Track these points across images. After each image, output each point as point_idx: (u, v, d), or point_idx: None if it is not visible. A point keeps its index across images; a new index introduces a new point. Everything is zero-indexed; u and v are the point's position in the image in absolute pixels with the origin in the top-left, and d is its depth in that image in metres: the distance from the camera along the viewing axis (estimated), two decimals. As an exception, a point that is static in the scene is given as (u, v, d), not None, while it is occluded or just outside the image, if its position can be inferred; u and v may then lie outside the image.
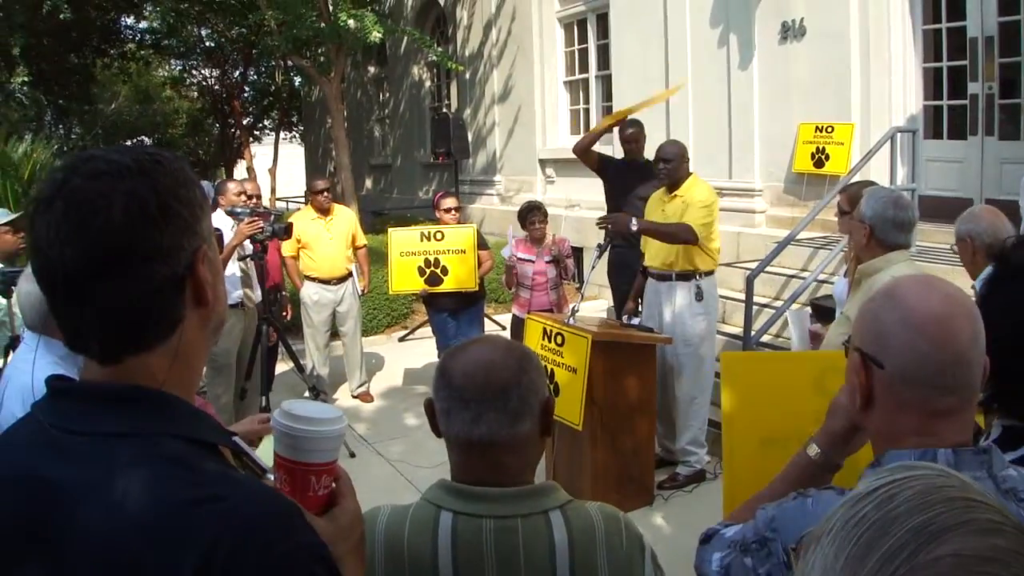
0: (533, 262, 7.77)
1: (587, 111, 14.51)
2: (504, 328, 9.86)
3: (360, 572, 1.57)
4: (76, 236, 1.23)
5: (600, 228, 6.59)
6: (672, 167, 6.41)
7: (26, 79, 21.17)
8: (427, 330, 9.76)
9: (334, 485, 1.54)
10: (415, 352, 10.62)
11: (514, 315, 8.04)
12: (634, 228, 6.31)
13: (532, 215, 7.83)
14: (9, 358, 4.72)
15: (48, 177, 1.29)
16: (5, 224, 6.36)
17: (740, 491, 3.42)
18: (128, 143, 34.34)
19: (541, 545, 1.80)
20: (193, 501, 1.18)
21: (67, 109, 27.81)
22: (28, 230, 1.30)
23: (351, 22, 13.15)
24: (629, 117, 7.75)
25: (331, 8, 13.98)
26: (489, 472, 1.85)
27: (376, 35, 13.19)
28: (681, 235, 6.26)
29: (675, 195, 6.46)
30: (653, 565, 1.93)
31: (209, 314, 1.38)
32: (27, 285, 3.36)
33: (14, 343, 4.83)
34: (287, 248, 8.37)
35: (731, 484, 3.39)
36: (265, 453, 2.19)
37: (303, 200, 25.25)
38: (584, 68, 14.60)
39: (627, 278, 7.32)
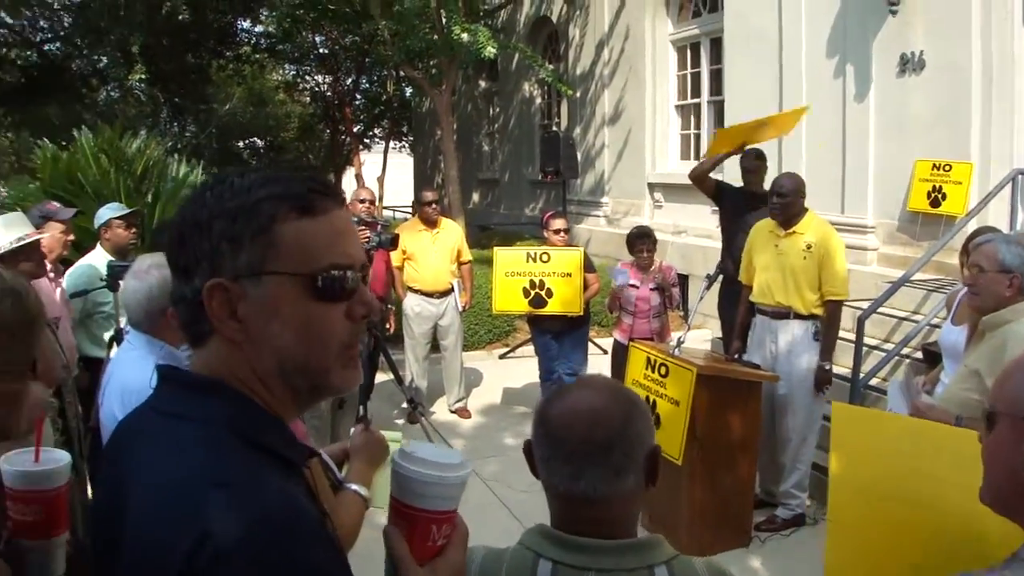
0: (638, 288, 7.72)
1: (698, 136, 14.35)
2: (605, 352, 9.79)
3: None
4: None
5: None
6: (787, 202, 6.28)
7: (143, 76, 21.80)
8: (528, 348, 9.74)
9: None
10: (515, 370, 10.60)
11: (616, 340, 7.98)
12: (828, 367, 6.27)
13: (641, 242, 7.77)
14: (113, 351, 4.80)
15: None
16: (119, 218, 6.47)
17: (845, 544, 3.37)
18: (240, 144, 35.39)
19: None
20: (207, 486, 1.20)
21: (182, 107, 28.51)
22: None
23: (464, 36, 13.24)
24: (751, 147, 7.65)
25: (444, 21, 14.09)
26: (591, 525, 1.78)
27: (490, 50, 13.26)
28: (839, 311, 6.42)
29: (792, 231, 6.31)
30: None
31: (243, 345, 1.36)
32: (133, 282, 3.33)
33: (119, 336, 4.89)
34: (395, 259, 8.44)
35: (836, 537, 3.33)
36: (381, 492, 2.16)
37: (410, 210, 25.52)
38: (696, 92, 14.45)
39: (736, 310, 7.20)
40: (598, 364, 8.44)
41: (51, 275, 5.75)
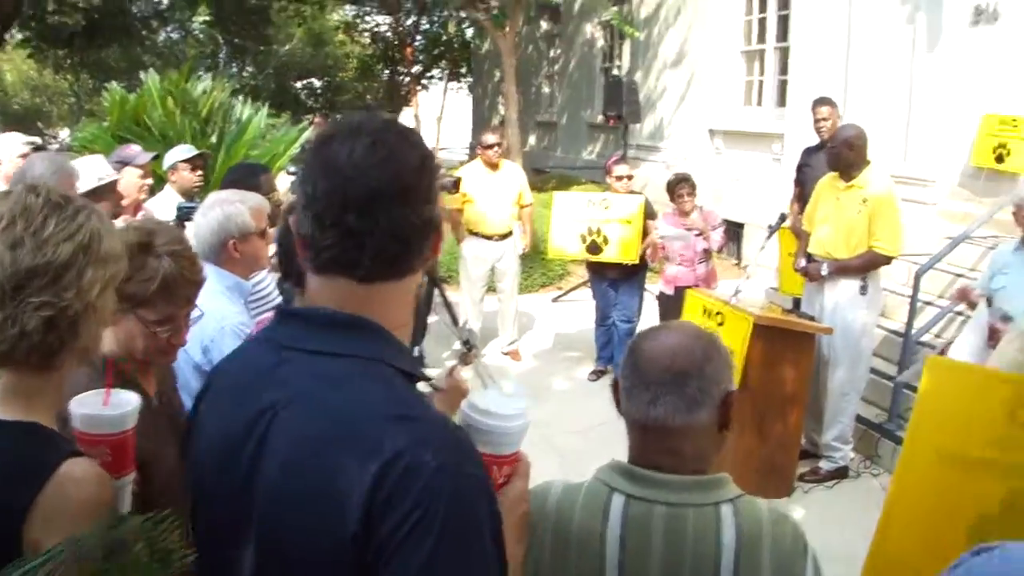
0: (682, 238, 7.69)
1: (761, 83, 14.01)
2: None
3: (518, 550, 1.66)
4: (383, 165, 1.42)
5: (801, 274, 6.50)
6: (836, 151, 6.22)
7: (208, 18, 21.79)
8: (581, 293, 9.70)
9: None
10: (568, 314, 10.58)
11: (661, 292, 7.98)
12: (825, 273, 6.23)
13: (680, 187, 7.73)
14: None
15: (341, 120, 1.53)
16: (185, 161, 6.51)
17: (905, 499, 3.26)
18: (297, 84, 35.36)
19: (709, 537, 1.80)
20: (389, 417, 1.35)
21: (242, 48, 28.51)
22: (314, 153, 1.48)
23: (532, -22, 13.10)
24: (820, 97, 7.57)
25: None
26: (664, 457, 1.86)
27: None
28: (877, 264, 6.23)
29: (852, 184, 6.22)
30: (814, 568, 1.89)
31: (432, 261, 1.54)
32: (199, 218, 3.57)
33: None
34: (455, 201, 8.40)
35: (897, 496, 3.25)
36: None
37: (468, 150, 25.50)
38: (762, 38, 14.09)
39: None
40: (654, 312, 8.40)
41: (128, 217, 5.87)
